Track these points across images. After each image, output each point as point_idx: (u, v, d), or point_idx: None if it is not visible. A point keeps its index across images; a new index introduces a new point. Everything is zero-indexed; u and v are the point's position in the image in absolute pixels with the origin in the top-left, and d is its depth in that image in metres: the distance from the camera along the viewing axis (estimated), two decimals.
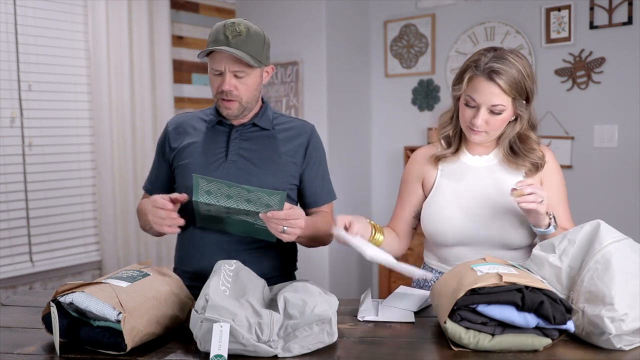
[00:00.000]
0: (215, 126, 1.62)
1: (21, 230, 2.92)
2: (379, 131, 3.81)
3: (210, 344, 1.06)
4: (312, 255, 3.54)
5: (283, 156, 1.61)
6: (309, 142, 1.65)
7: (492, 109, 1.44)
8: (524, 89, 1.44)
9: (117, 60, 3.13)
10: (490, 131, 1.48)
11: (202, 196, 1.35)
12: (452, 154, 1.59)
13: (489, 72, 1.41)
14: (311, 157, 1.65)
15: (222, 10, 3.80)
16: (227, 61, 1.48)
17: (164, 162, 1.67)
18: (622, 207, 2.89)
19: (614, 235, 1.20)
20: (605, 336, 1.10)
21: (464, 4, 3.37)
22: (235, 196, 1.33)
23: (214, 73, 1.52)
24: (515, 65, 1.42)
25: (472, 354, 1.11)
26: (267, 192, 1.31)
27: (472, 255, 1.50)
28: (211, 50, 1.48)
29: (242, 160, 1.58)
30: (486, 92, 1.42)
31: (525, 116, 1.49)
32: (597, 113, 2.95)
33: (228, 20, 1.52)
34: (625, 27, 2.84)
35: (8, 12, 2.81)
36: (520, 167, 1.53)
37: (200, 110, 1.72)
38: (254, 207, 1.35)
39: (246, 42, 1.49)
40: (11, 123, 2.86)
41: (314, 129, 1.70)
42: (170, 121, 1.70)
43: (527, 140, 1.52)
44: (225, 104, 1.53)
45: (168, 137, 1.66)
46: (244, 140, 1.60)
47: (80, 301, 1.12)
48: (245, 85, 1.52)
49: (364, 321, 1.32)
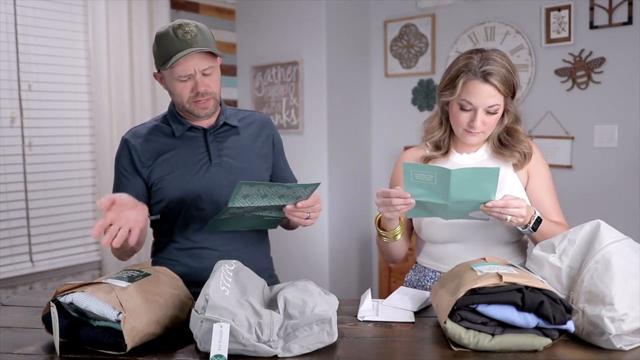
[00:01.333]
0: (185, 134, 1.59)
1: (21, 230, 2.92)
2: (379, 131, 3.81)
3: (210, 344, 1.06)
4: (312, 255, 3.54)
5: (258, 150, 1.65)
6: (273, 133, 1.72)
7: (488, 110, 1.47)
8: (513, 85, 1.49)
9: (117, 60, 3.13)
10: (486, 131, 1.52)
11: (238, 201, 1.33)
12: (441, 155, 1.61)
13: (484, 74, 1.44)
14: (277, 146, 1.72)
15: (222, 10, 3.80)
16: (195, 62, 1.46)
17: (136, 177, 1.58)
18: (622, 207, 2.89)
19: (614, 235, 1.20)
20: (605, 336, 1.10)
21: (464, 4, 3.37)
22: (271, 194, 1.35)
23: (180, 80, 1.49)
24: (503, 64, 1.47)
25: (472, 354, 1.11)
26: (303, 186, 1.35)
27: (465, 252, 1.52)
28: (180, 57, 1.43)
29: (226, 161, 1.59)
30: (482, 94, 1.45)
31: (512, 110, 1.53)
32: (597, 113, 2.95)
33: (171, 24, 1.48)
34: (625, 27, 2.84)
35: (8, 12, 2.81)
36: (508, 159, 1.56)
37: (154, 120, 1.65)
38: (284, 201, 1.39)
39: (204, 38, 1.48)
40: (11, 123, 2.86)
41: (271, 119, 1.76)
42: (128, 135, 1.61)
43: (515, 133, 1.56)
44: (201, 105, 1.52)
45: (137, 152, 1.57)
46: (220, 141, 1.61)
47: (80, 301, 1.12)
48: (214, 81, 1.53)
49: (364, 321, 1.32)
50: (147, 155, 1.57)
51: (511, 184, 1.54)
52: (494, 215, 1.35)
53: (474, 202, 1.34)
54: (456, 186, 1.29)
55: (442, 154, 1.61)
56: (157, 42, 1.49)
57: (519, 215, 1.35)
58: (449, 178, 1.27)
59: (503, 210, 1.33)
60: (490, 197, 1.33)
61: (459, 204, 1.34)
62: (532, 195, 1.56)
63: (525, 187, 1.57)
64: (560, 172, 3.04)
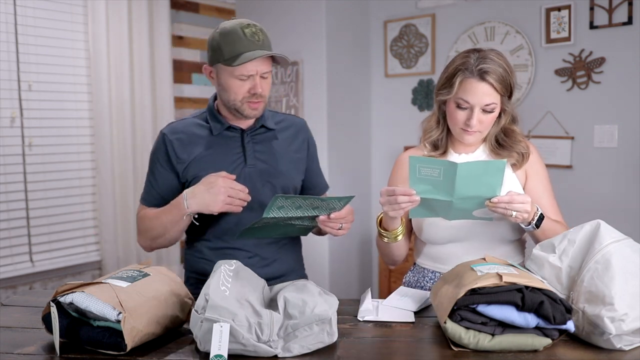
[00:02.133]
0: (223, 133, 1.60)
1: (21, 230, 2.92)
2: (379, 131, 3.81)
3: (210, 344, 1.06)
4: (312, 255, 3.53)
5: (292, 154, 1.66)
6: (308, 137, 1.73)
7: (485, 108, 1.48)
8: (510, 85, 1.50)
9: (117, 60, 3.13)
10: (483, 130, 1.52)
11: (272, 212, 1.33)
12: (439, 155, 1.61)
13: (481, 72, 1.45)
14: (312, 151, 1.74)
15: (222, 10, 3.80)
16: (259, 64, 1.49)
17: (171, 172, 1.60)
18: (622, 207, 2.88)
19: (614, 235, 1.20)
20: (605, 336, 1.10)
21: (464, 4, 3.37)
22: (305, 206, 1.36)
23: (240, 78, 1.49)
24: (500, 63, 1.48)
25: (472, 354, 1.11)
26: (337, 198, 1.36)
27: (464, 252, 1.53)
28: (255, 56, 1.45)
29: (261, 163, 1.59)
30: (479, 92, 1.46)
31: (509, 111, 1.54)
32: (597, 113, 2.95)
33: (239, 22, 1.50)
34: (625, 27, 2.84)
35: (8, 12, 2.81)
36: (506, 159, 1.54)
37: (192, 116, 1.66)
38: (318, 212, 1.40)
39: (268, 42, 1.52)
40: (11, 123, 2.86)
41: (306, 123, 1.77)
42: (167, 130, 1.62)
43: (512, 133, 1.57)
44: (253, 105, 1.53)
45: (173, 147, 1.58)
46: (257, 143, 1.61)
47: (80, 301, 1.12)
48: (268, 85, 1.56)
49: (364, 321, 1.32)
50: (183, 151, 1.58)
51: (511, 183, 1.54)
52: (499, 211, 1.34)
53: (479, 198, 1.34)
54: (462, 180, 1.28)
55: (440, 153, 1.61)
56: (223, 38, 1.48)
57: (524, 210, 1.35)
58: (455, 172, 1.26)
59: (508, 206, 1.33)
60: (496, 193, 1.33)
61: (463, 200, 1.33)
62: (530, 194, 1.55)
63: (523, 187, 1.57)
64: (560, 172, 3.04)
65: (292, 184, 1.64)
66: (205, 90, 3.71)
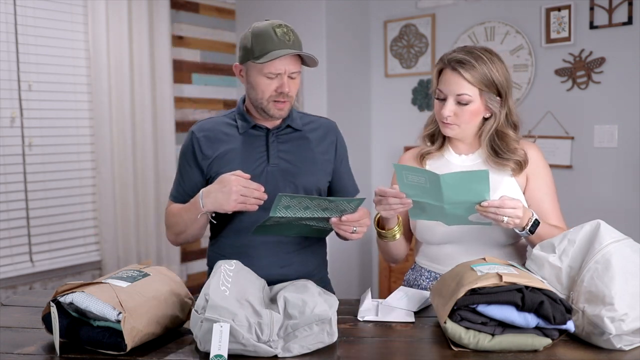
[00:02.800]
0: (248, 131, 1.61)
1: (21, 230, 2.92)
2: (379, 131, 3.81)
3: (210, 344, 1.06)
4: None
5: (319, 155, 1.65)
6: (337, 140, 1.73)
7: (459, 99, 1.49)
8: (492, 82, 1.49)
9: (117, 60, 3.13)
10: (461, 124, 1.52)
11: (279, 211, 1.33)
12: (436, 150, 1.63)
13: (454, 62, 1.48)
14: (340, 154, 1.73)
15: (222, 10, 3.80)
16: (287, 64, 1.49)
17: (196, 169, 1.62)
18: (622, 207, 2.88)
19: (614, 235, 1.20)
20: (605, 336, 1.10)
21: (464, 4, 3.37)
22: (313, 207, 1.35)
23: (268, 76, 1.50)
24: (482, 58, 1.48)
25: (472, 354, 1.11)
26: (347, 200, 1.34)
27: (461, 254, 1.52)
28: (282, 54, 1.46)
29: (284, 162, 1.59)
30: (451, 82, 1.49)
31: (498, 112, 1.52)
32: (597, 113, 2.95)
33: (271, 22, 1.51)
34: (625, 27, 2.84)
35: (8, 12, 2.81)
36: (505, 167, 1.54)
37: (222, 115, 1.69)
38: (329, 214, 1.38)
39: (299, 43, 1.52)
40: (11, 123, 2.86)
41: (337, 125, 1.76)
42: (195, 128, 1.65)
43: (505, 138, 1.54)
44: (279, 105, 1.54)
45: (199, 145, 1.61)
46: (282, 143, 1.61)
47: (80, 301, 1.12)
48: (296, 85, 1.56)
49: (364, 321, 1.32)
50: (208, 148, 1.60)
51: (508, 189, 1.53)
52: (490, 216, 1.34)
53: (470, 203, 1.34)
54: (448, 188, 1.29)
55: (436, 148, 1.62)
56: (254, 37, 1.50)
57: (514, 216, 1.34)
58: (439, 182, 1.28)
59: (499, 210, 1.32)
60: (485, 198, 1.33)
61: (455, 205, 1.34)
62: (531, 198, 1.55)
63: (524, 190, 1.56)
64: (560, 172, 3.03)
65: (315, 185, 1.62)
66: (206, 90, 3.71)
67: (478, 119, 1.53)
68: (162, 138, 3.35)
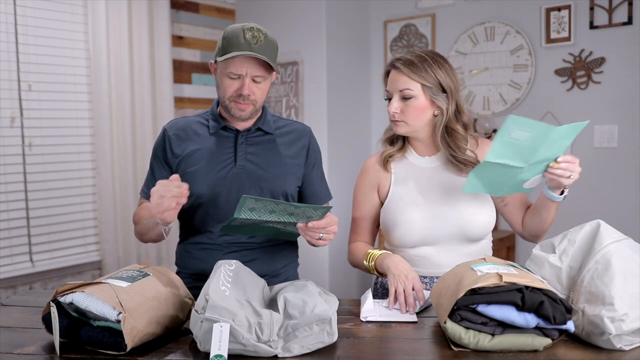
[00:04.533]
0: (219, 132, 1.61)
1: (21, 230, 2.92)
2: (379, 131, 3.81)
3: (210, 344, 1.06)
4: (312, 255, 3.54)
5: (288, 159, 1.63)
6: (309, 145, 1.70)
7: (402, 95, 1.54)
8: (435, 79, 1.52)
9: (117, 60, 3.13)
10: (408, 120, 1.56)
11: (244, 213, 1.32)
12: (397, 151, 1.65)
13: (396, 61, 1.55)
14: (312, 159, 1.70)
15: (222, 10, 3.80)
16: (249, 66, 1.49)
17: (165, 167, 1.63)
18: (622, 207, 2.89)
19: (614, 235, 1.20)
20: (605, 336, 1.10)
21: (464, 4, 3.37)
22: (279, 211, 1.34)
23: (230, 76, 1.51)
24: (423, 57, 1.53)
25: (472, 354, 1.11)
26: (313, 207, 1.33)
27: (435, 254, 1.55)
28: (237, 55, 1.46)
29: (251, 165, 1.59)
30: (394, 79, 1.55)
31: (445, 108, 1.54)
32: (597, 113, 2.95)
33: (244, 24, 1.52)
34: (625, 27, 2.84)
35: (8, 12, 2.81)
36: (464, 171, 1.56)
37: (197, 115, 1.69)
38: (295, 219, 1.36)
39: (266, 48, 1.50)
40: (11, 123, 2.86)
41: (311, 131, 1.74)
42: (168, 126, 1.66)
43: (453, 134, 1.55)
44: (240, 106, 1.54)
45: (170, 143, 1.62)
46: (250, 145, 1.61)
47: (80, 301, 1.12)
48: (261, 90, 1.55)
49: (365, 321, 1.32)
50: (178, 147, 1.61)
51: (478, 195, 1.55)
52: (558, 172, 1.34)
53: (547, 161, 1.34)
54: (549, 144, 1.28)
55: (397, 149, 1.65)
56: (224, 37, 1.52)
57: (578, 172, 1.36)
58: (548, 135, 1.25)
59: (570, 166, 1.34)
60: (560, 154, 1.34)
61: (532, 166, 1.32)
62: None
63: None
64: None
65: (282, 189, 1.61)
66: (205, 90, 3.71)
67: (425, 115, 1.55)
68: None
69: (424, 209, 1.55)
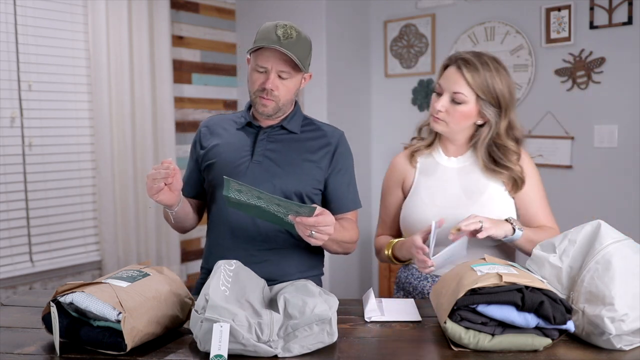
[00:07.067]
0: (244, 127, 1.65)
1: (21, 230, 2.92)
2: (379, 131, 3.81)
3: (210, 344, 1.06)
4: None
5: (308, 160, 1.61)
6: (336, 148, 1.65)
7: (454, 97, 1.50)
8: (493, 92, 1.49)
9: (117, 60, 3.13)
10: (450, 122, 1.54)
11: (232, 193, 1.35)
12: (425, 147, 1.65)
13: (459, 60, 1.51)
14: (337, 163, 1.65)
15: (222, 10, 3.80)
16: (275, 60, 1.50)
17: (195, 161, 1.71)
18: (622, 207, 2.88)
19: (615, 235, 1.20)
20: (605, 336, 1.10)
21: (464, 4, 3.37)
22: (266, 199, 1.34)
23: (257, 70, 1.53)
24: (489, 66, 1.49)
25: (472, 354, 1.11)
26: (297, 205, 1.31)
27: None
28: (262, 46, 1.49)
29: (267, 161, 1.59)
30: (451, 79, 1.51)
31: (494, 122, 1.52)
32: (597, 113, 2.95)
33: (279, 22, 1.54)
34: (625, 27, 2.84)
35: (8, 12, 2.81)
36: (498, 176, 1.56)
37: (234, 113, 1.75)
38: (282, 210, 1.35)
39: (296, 45, 1.51)
40: (11, 123, 2.86)
41: (343, 135, 1.71)
42: (204, 122, 1.74)
43: (504, 150, 1.55)
44: (263, 101, 1.55)
45: (200, 137, 1.70)
46: (271, 142, 1.62)
47: (80, 301, 1.12)
48: (286, 87, 1.55)
49: (366, 321, 1.31)
50: (206, 140, 1.68)
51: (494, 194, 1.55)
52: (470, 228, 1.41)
53: None
54: None
55: (426, 145, 1.65)
56: (259, 29, 1.55)
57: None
58: None
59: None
60: None
61: None
62: (520, 200, 1.58)
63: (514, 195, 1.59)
64: (560, 172, 3.04)
65: (296, 189, 1.57)
66: (206, 90, 3.71)
67: (468, 122, 1.54)
68: (162, 138, 3.35)
69: (442, 209, 1.54)
